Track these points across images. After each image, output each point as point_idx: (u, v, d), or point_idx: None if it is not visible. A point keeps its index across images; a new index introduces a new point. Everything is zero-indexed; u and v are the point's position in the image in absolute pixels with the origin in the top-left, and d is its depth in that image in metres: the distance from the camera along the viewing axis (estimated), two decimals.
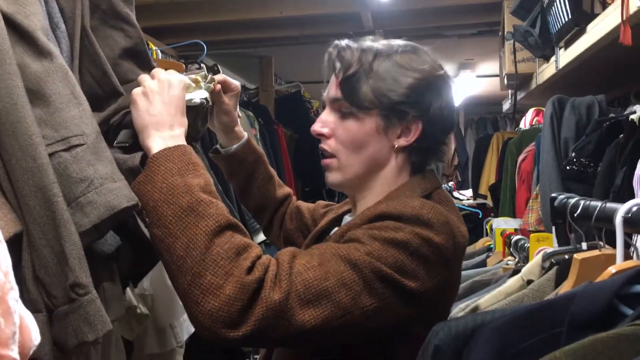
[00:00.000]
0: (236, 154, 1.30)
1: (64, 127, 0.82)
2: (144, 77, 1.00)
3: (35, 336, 0.60)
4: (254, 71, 4.17)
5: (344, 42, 1.05)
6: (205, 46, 2.10)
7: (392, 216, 0.93)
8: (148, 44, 1.91)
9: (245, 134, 1.31)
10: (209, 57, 2.46)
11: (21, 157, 0.75)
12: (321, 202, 1.39)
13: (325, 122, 1.06)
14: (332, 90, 1.05)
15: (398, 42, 1.05)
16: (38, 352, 0.70)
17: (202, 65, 2.16)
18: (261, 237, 2.51)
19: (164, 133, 0.94)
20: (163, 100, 0.96)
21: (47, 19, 0.95)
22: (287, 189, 1.43)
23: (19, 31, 0.82)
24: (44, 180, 0.76)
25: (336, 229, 1.10)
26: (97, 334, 0.81)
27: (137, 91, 0.97)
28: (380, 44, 1.04)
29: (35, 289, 0.80)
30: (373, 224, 0.93)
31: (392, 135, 1.03)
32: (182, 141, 0.96)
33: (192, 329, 1.49)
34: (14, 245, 0.78)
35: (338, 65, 1.03)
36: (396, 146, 1.03)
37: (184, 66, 2.04)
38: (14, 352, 0.54)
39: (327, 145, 1.06)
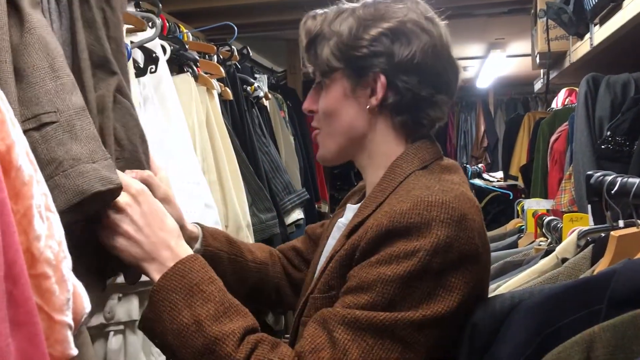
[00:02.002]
0: (205, 255, 1.04)
1: (36, 104, 0.74)
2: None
3: (86, 304, 0.62)
4: (281, 54, 4.16)
5: (313, 11, 1.00)
6: (236, 28, 2.10)
7: (399, 233, 0.81)
8: (179, 27, 1.92)
9: (198, 230, 1.08)
10: (237, 40, 2.46)
11: None
12: (310, 226, 1.28)
13: (310, 97, 1.03)
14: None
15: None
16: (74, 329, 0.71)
17: (232, 47, 2.17)
18: (294, 216, 2.53)
19: (160, 259, 0.86)
20: (146, 223, 0.86)
21: None
22: (264, 247, 1.24)
23: (12, 4, 0.76)
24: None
25: (342, 219, 1.03)
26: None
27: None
28: (351, 4, 0.97)
29: None
30: (381, 254, 0.82)
31: (363, 96, 0.95)
32: (183, 251, 0.87)
33: None
34: None
35: (302, 34, 0.99)
36: (368, 107, 0.95)
37: (215, 48, 2.05)
38: (69, 317, 0.56)
39: (315, 120, 1.02)
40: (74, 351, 0.59)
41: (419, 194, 0.84)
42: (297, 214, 2.57)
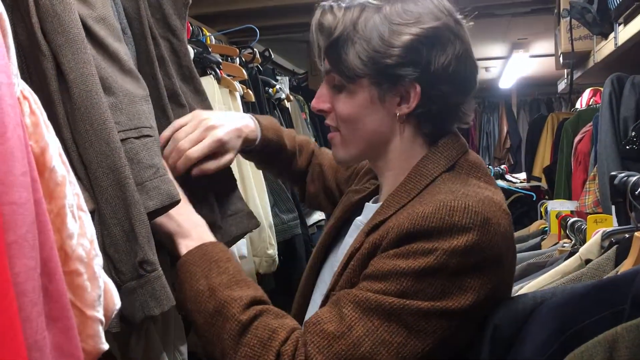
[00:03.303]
0: (258, 148, 1.16)
1: (137, 118, 0.87)
2: None
3: (116, 301, 0.64)
4: (302, 56, 4.17)
5: (328, 3, 0.91)
6: (258, 31, 2.12)
7: (420, 235, 0.81)
8: (202, 30, 1.95)
9: (257, 133, 1.15)
10: (259, 42, 2.48)
11: (95, 141, 0.79)
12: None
13: (322, 96, 0.96)
14: (323, 62, 0.95)
15: None
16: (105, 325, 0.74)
17: (254, 50, 2.19)
18: (315, 217, 2.54)
19: (191, 236, 0.95)
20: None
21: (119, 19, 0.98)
22: (308, 149, 1.32)
23: (90, 35, 0.85)
24: (116, 162, 0.80)
25: (360, 217, 1.02)
26: (162, 308, 0.85)
27: None
28: None
29: (105, 266, 0.84)
30: (400, 249, 0.82)
31: (391, 103, 0.90)
32: (208, 237, 0.97)
33: None
34: None
35: (322, 31, 0.91)
36: (398, 115, 0.91)
37: (237, 51, 2.08)
38: (100, 313, 0.59)
39: (330, 119, 0.97)
40: (105, 346, 0.61)
41: (442, 197, 0.83)
42: (318, 215, 2.58)
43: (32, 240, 0.50)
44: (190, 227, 0.96)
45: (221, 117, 1.07)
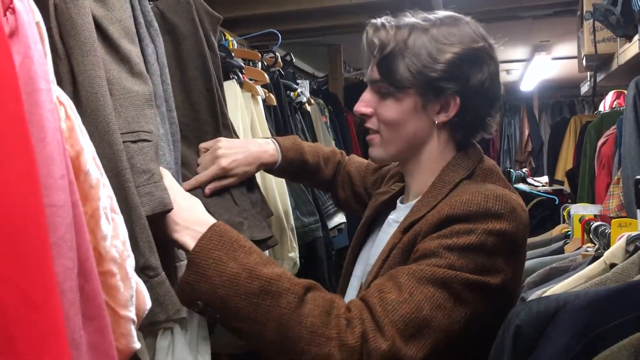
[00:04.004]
0: (281, 168, 1.34)
1: (136, 122, 0.86)
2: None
3: (147, 301, 0.66)
4: (323, 59, 4.20)
5: (379, 21, 1.04)
6: (280, 36, 2.14)
7: (459, 218, 0.93)
8: (225, 35, 1.98)
9: (278, 156, 1.32)
10: (279, 46, 2.50)
11: (99, 143, 0.79)
12: (370, 166, 1.44)
13: (367, 101, 1.08)
14: (371, 71, 1.06)
15: (437, 15, 1.03)
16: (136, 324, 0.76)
17: (276, 54, 2.21)
18: (336, 220, 2.55)
19: (192, 225, 0.92)
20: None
21: (139, 18, 1.02)
22: (334, 160, 1.47)
23: (103, 36, 0.86)
24: (118, 166, 0.80)
25: (392, 216, 1.12)
26: (167, 313, 0.83)
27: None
28: (419, 17, 1.03)
29: None
30: (443, 231, 0.93)
31: (432, 111, 1.04)
32: (212, 220, 0.94)
33: None
34: None
35: (374, 46, 1.03)
36: (436, 122, 1.04)
37: (259, 55, 2.10)
38: (132, 313, 0.60)
39: (371, 123, 1.08)
40: (137, 345, 0.63)
41: (473, 191, 0.96)
42: (339, 218, 2.58)
43: (70, 242, 0.52)
44: (191, 219, 0.93)
45: (232, 147, 1.22)
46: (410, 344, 0.85)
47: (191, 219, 0.93)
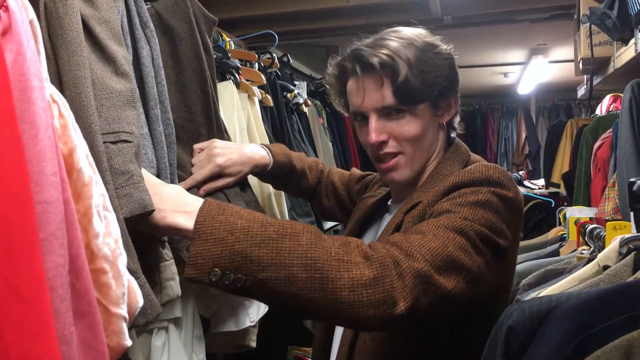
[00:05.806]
0: (272, 171, 1.38)
1: (117, 122, 0.84)
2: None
3: (139, 298, 0.66)
4: (321, 61, 4.20)
5: (370, 51, 1.04)
6: (277, 37, 2.14)
7: (465, 184, 0.99)
8: (222, 36, 1.98)
9: (270, 159, 1.36)
10: (277, 47, 2.51)
11: None
12: (354, 174, 1.48)
13: (380, 130, 1.07)
14: (376, 99, 1.05)
15: (398, 29, 1.08)
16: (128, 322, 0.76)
17: (272, 55, 2.22)
18: (331, 222, 2.55)
19: (183, 207, 0.88)
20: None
21: (134, 19, 1.02)
22: (317, 169, 1.52)
23: (90, 35, 0.85)
24: (99, 167, 0.76)
25: (388, 217, 1.15)
26: (147, 318, 0.80)
27: None
28: (392, 36, 1.06)
29: None
30: (452, 194, 0.99)
31: (439, 114, 1.10)
32: (199, 199, 0.89)
33: (264, 309, 1.54)
34: None
35: (379, 76, 1.04)
36: (439, 123, 1.11)
37: (256, 56, 2.10)
38: (124, 310, 0.60)
39: (390, 147, 1.08)
40: (129, 342, 0.63)
41: (475, 169, 1.02)
42: None
43: (61, 238, 0.52)
44: (180, 203, 0.89)
45: (227, 146, 1.25)
46: (440, 274, 0.87)
47: (181, 202, 0.89)
